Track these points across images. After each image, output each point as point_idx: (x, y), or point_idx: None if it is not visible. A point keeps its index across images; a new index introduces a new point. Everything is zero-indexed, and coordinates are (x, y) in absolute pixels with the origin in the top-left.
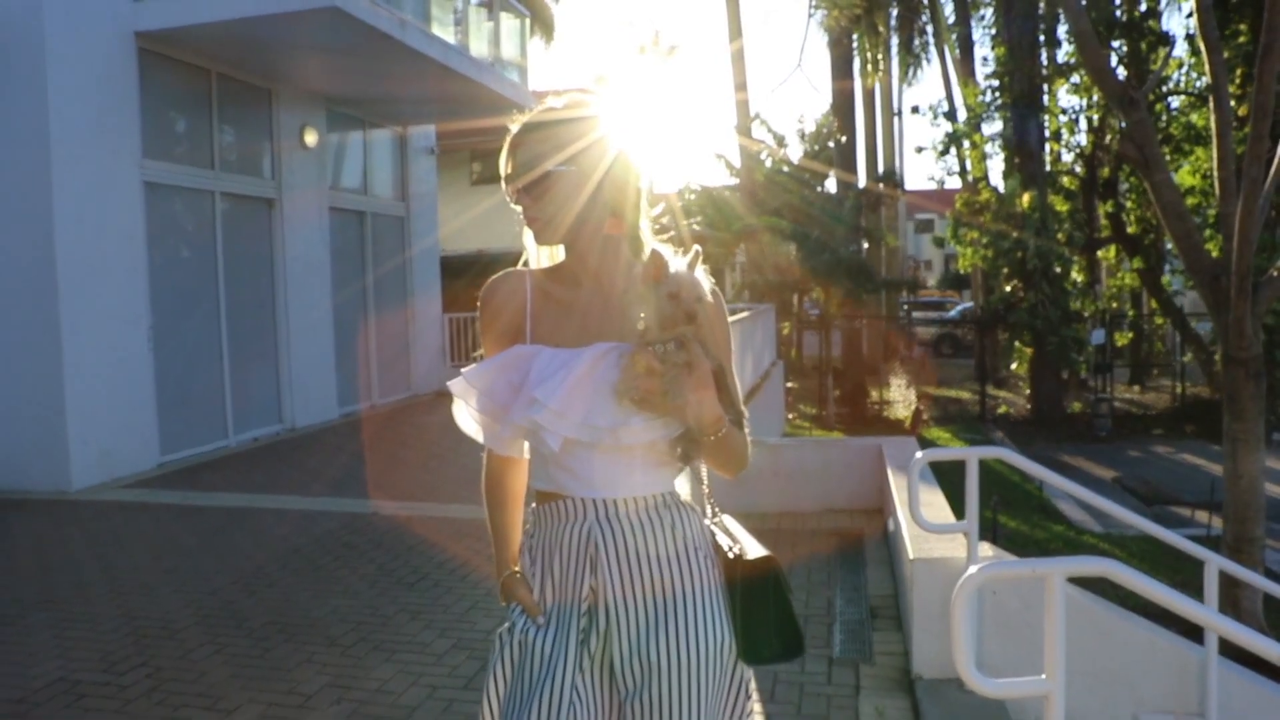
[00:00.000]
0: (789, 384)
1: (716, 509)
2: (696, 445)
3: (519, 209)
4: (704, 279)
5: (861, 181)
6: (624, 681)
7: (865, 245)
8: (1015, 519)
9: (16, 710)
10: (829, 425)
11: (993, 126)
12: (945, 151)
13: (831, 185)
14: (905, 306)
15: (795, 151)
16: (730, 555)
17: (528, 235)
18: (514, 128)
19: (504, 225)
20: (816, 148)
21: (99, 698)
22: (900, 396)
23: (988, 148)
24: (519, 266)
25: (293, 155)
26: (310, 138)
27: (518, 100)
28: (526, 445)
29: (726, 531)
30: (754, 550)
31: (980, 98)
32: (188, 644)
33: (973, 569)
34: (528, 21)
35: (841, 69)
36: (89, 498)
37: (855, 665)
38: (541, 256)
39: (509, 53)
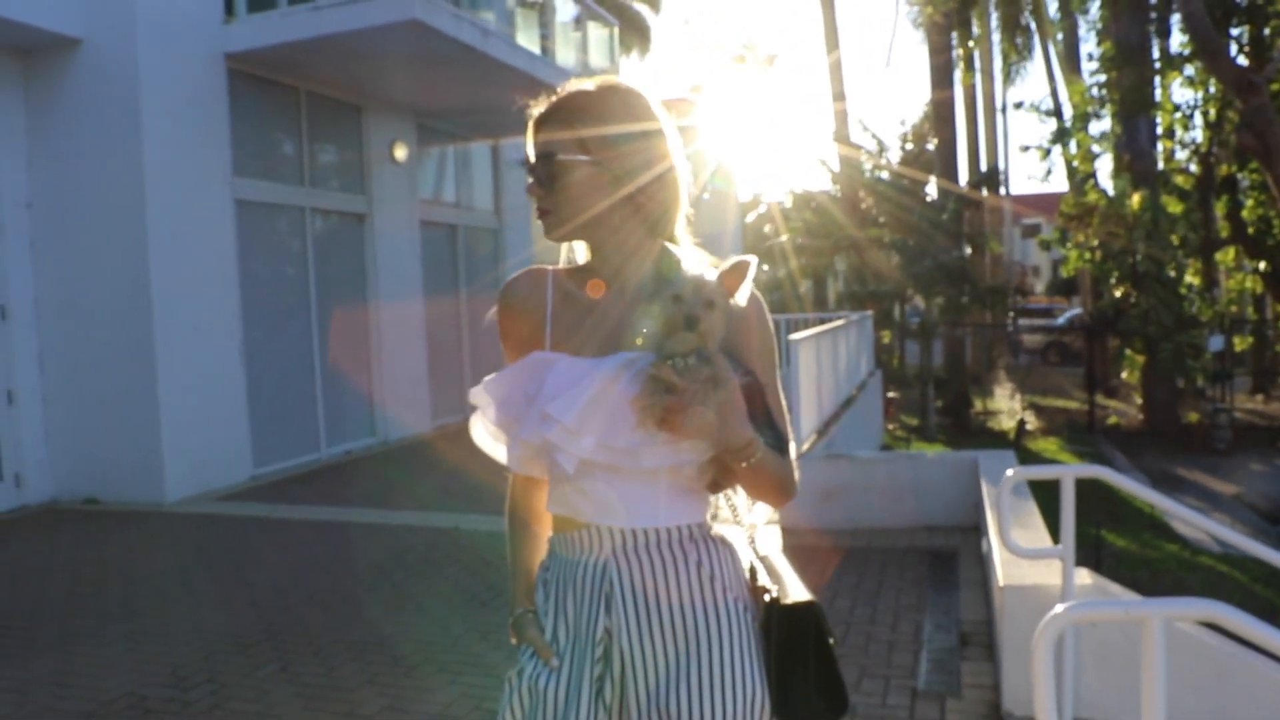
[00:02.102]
0: (890, 394)
1: (756, 544)
2: (727, 472)
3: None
4: (743, 285)
5: (964, 188)
6: None
7: (969, 251)
8: (1124, 537)
9: None
10: (930, 436)
11: (1100, 125)
12: (1049, 152)
13: (932, 189)
14: (1011, 313)
15: (895, 155)
16: (767, 599)
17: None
18: (536, 110)
19: None
20: (916, 150)
21: (163, 713)
22: (1005, 406)
23: (1095, 147)
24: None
25: (383, 169)
26: (400, 152)
27: None
28: None
29: (770, 569)
30: (794, 593)
31: (1088, 93)
32: (255, 660)
33: (1058, 609)
34: (616, 30)
35: (941, 78)
36: (182, 510)
37: (941, 699)
38: (577, 254)
39: (598, 61)
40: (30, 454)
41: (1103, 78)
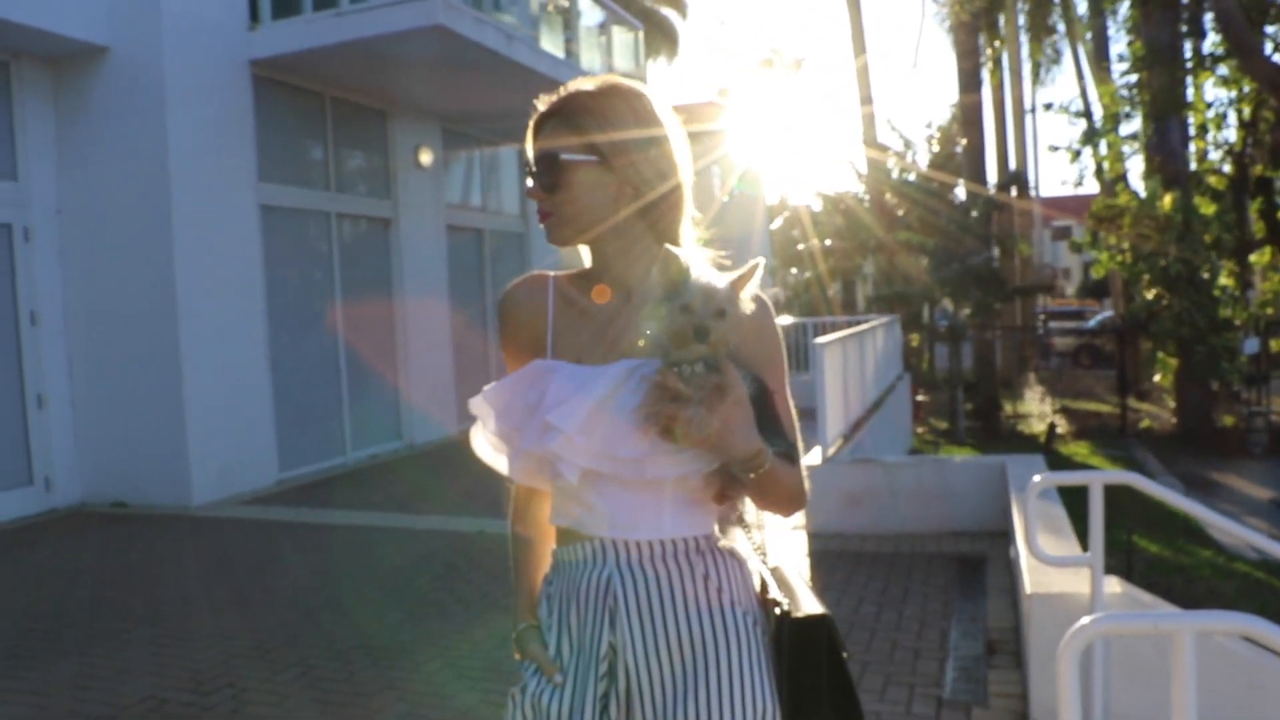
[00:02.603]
0: (919, 397)
1: (766, 556)
2: (735, 482)
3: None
4: (745, 290)
5: (992, 190)
6: None
7: (997, 254)
8: (1157, 543)
9: None
10: (960, 440)
11: (1130, 126)
12: (1079, 154)
13: (961, 192)
14: (1041, 316)
15: (923, 158)
16: (777, 611)
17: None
18: (539, 108)
19: None
20: (945, 153)
21: (181, 718)
22: (1035, 410)
23: (1126, 148)
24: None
25: (408, 175)
26: (425, 157)
27: None
28: None
29: (781, 581)
30: (806, 605)
31: (1118, 94)
32: (275, 665)
33: (1084, 621)
34: (641, 35)
35: (969, 82)
36: (208, 514)
37: (967, 707)
38: (580, 260)
39: (623, 65)
40: (59, 457)
41: (1133, 78)
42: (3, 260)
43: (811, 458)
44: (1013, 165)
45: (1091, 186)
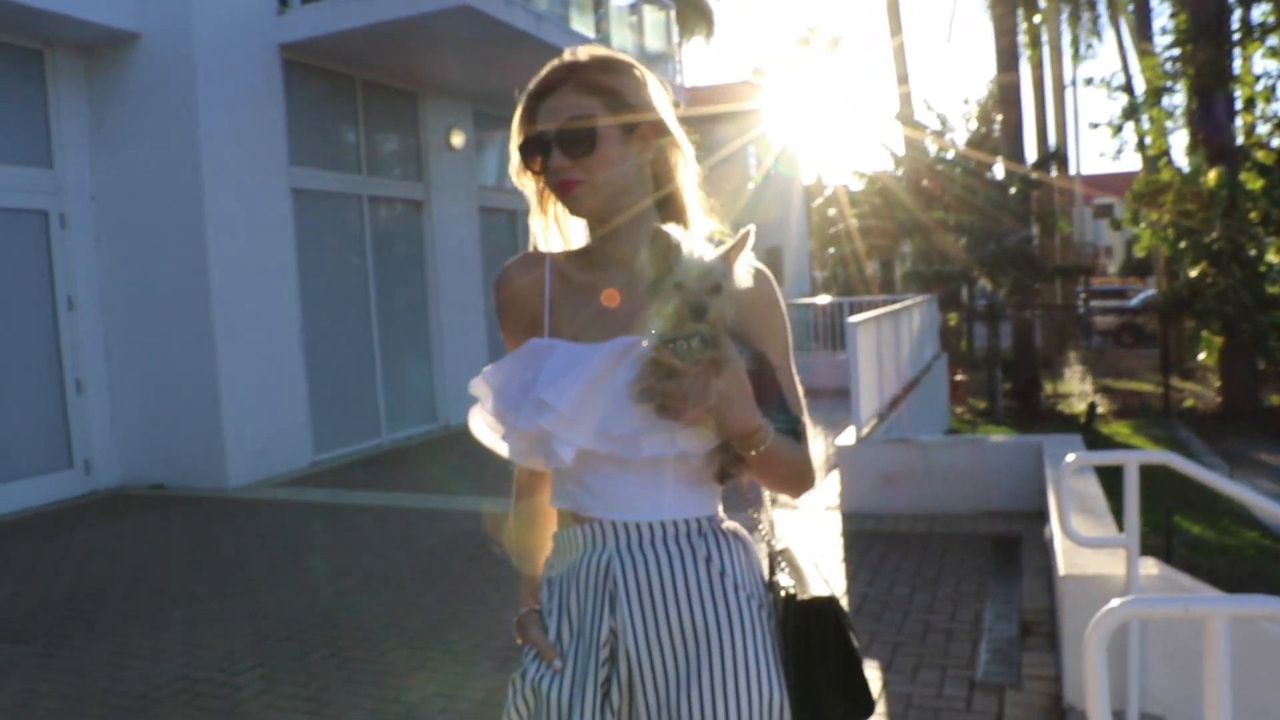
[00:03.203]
0: (958, 377)
1: (773, 539)
2: (737, 461)
3: (538, 176)
4: (738, 261)
5: (1030, 168)
6: None
7: (1037, 232)
8: (1199, 523)
9: (136, 706)
10: (998, 420)
11: (1174, 100)
12: (1120, 129)
13: (999, 171)
14: (1082, 295)
15: (960, 137)
16: (783, 595)
17: (534, 220)
18: (532, 87)
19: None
20: (984, 130)
21: (212, 697)
22: (1076, 389)
23: (1169, 123)
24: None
25: (440, 157)
26: (457, 139)
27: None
28: None
29: (789, 564)
30: (812, 588)
31: (1160, 67)
32: (306, 645)
33: (1113, 604)
34: (673, 13)
35: (1007, 60)
36: (243, 495)
37: (1000, 690)
38: (553, 239)
39: (655, 45)
40: (98, 441)
41: (1177, 51)
42: (39, 247)
43: (845, 437)
44: (1052, 142)
45: (1133, 163)
